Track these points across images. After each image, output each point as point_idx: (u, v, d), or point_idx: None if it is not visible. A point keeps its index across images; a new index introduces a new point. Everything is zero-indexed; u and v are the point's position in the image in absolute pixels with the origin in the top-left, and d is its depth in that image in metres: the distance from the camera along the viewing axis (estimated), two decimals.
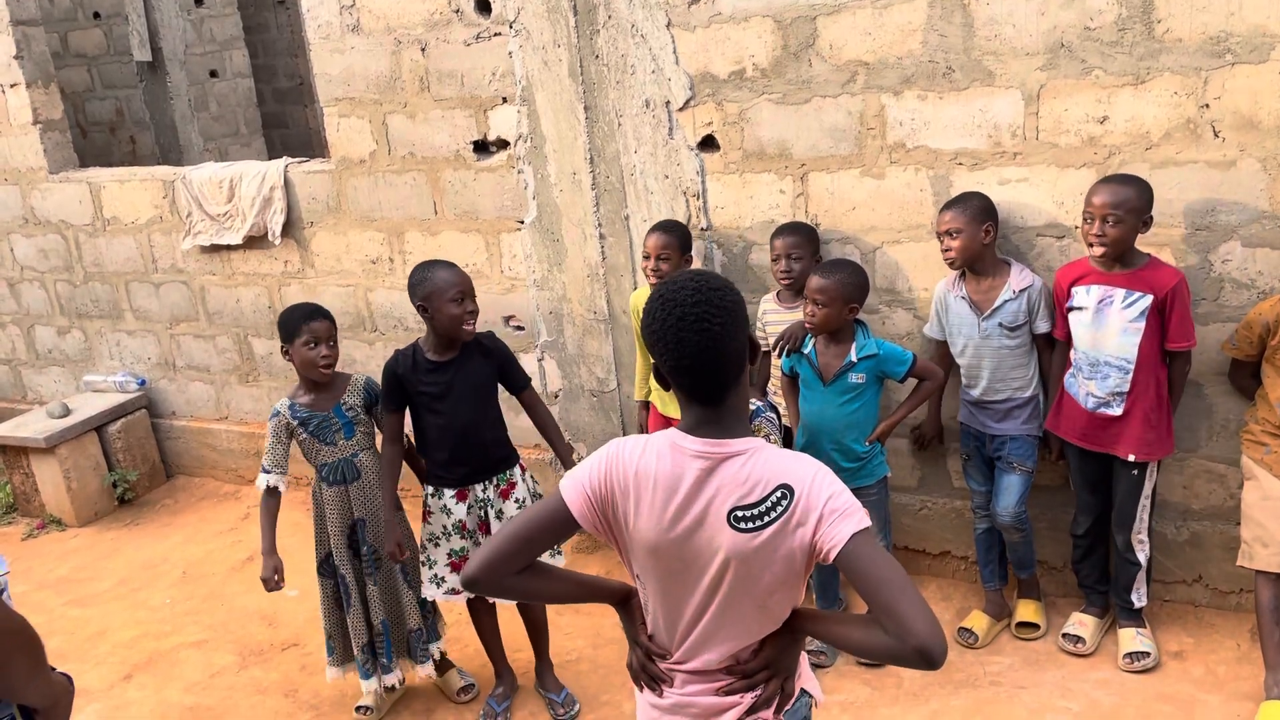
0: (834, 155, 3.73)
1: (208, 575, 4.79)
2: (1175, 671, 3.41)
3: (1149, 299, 3.20)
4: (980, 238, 3.39)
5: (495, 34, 4.16)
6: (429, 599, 3.54)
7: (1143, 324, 3.22)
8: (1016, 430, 3.55)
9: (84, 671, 4.03)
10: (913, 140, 3.59)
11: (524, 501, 3.40)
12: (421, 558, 3.49)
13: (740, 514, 1.76)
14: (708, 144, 3.93)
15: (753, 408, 3.07)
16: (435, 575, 3.46)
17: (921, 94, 3.53)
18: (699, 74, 3.84)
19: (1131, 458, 3.32)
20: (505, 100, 4.24)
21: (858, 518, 1.73)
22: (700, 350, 1.75)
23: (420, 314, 3.30)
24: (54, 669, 1.95)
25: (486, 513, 3.41)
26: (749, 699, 1.92)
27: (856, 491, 3.62)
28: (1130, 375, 3.27)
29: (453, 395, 3.32)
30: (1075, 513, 3.62)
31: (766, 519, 1.75)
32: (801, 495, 1.75)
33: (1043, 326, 3.48)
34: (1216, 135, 3.22)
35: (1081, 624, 3.60)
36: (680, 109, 3.92)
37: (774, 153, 3.82)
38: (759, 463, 1.78)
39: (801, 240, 3.68)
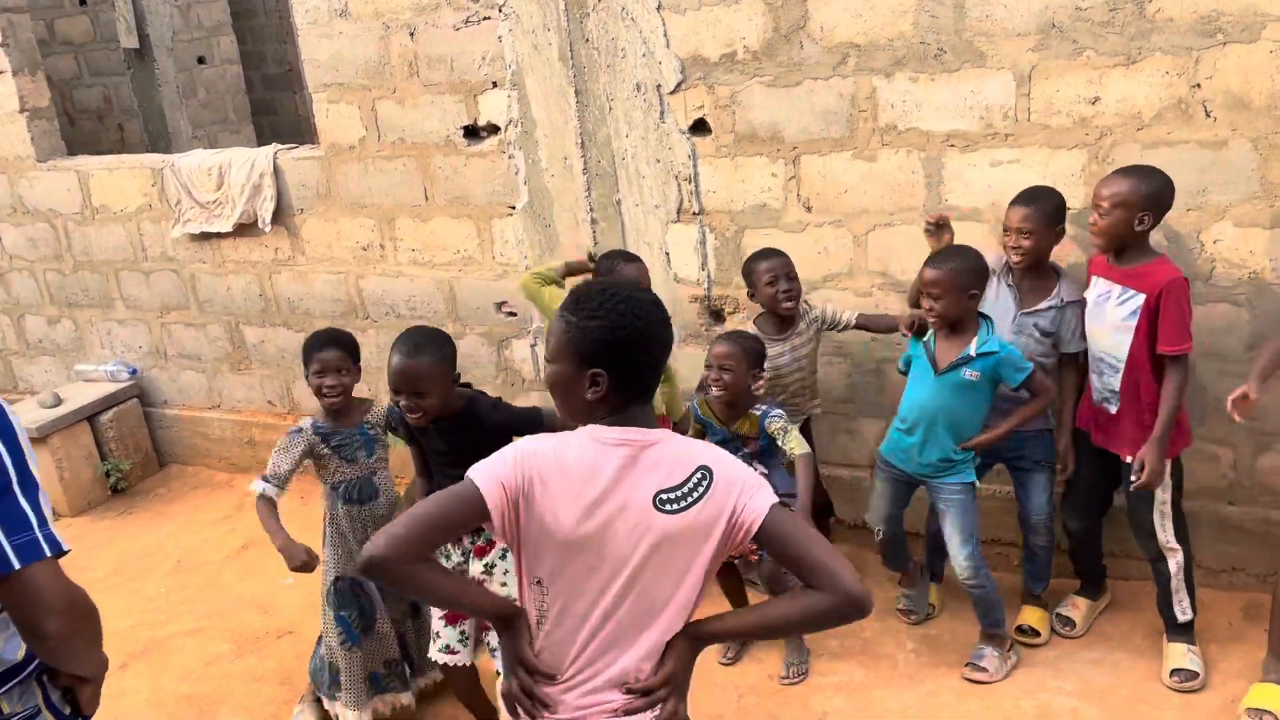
0: (826, 138, 3.72)
1: (202, 564, 4.78)
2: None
3: (1140, 298, 3.08)
4: (1050, 241, 3.28)
5: (484, 18, 4.14)
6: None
7: (1134, 323, 3.10)
8: (1030, 427, 3.37)
9: None
10: (904, 122, 3.59)
11: (492, 565, 3.05)
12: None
13: (665, 496, 1.83)
14: (699, 127, 3.91)
15: (758, 411, 3.33)
16: (435, 631, 3.18)
17: (913, 76, 3.52)
18: (690, 57, 3.83)
19: (1128, 459, 3.20)
20: (495, 85, 4.22)
21: (768, 490, 1.87)
22: (669, 346, 1.95)
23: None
24: None
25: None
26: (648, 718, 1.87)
27: (943, 487, 3.37)
28: (1120, 375, 3.19)
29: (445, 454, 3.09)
30: (1072, 501, 3.49)
31: (690, 499, 1.83)
32: (720, 474, 1.86)
33: (1075, 345, 3.36)
34: (1208, 115, 3.22)
35: (1074, 605, 3.60)
36: (671, 92, 3.90)
37: (766, 136, 3.81)
38: (675, 448, 1.88)
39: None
